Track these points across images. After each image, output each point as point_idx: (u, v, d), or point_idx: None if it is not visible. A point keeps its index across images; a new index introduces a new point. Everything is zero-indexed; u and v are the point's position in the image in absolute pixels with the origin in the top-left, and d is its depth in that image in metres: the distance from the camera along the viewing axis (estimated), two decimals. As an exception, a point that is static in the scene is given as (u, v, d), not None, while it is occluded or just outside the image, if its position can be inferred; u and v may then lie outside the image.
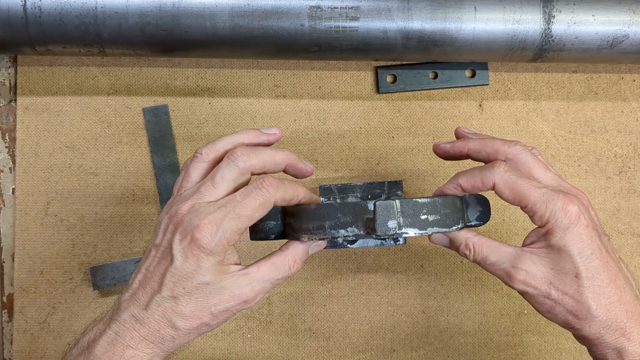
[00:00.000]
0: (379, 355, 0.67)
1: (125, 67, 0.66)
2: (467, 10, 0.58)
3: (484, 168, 0.49)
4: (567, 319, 0.46)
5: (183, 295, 0.45)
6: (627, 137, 0.67)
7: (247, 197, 0.46)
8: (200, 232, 0.44)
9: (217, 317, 0.46)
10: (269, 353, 0.66)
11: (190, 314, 0.45)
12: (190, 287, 0.45)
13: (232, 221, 0.45)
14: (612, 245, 0.48)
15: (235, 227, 0.45)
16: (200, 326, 0.45)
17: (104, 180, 0.66)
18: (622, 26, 0.59)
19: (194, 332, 0.46)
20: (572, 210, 0.45)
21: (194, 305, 0.45)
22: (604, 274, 0.45)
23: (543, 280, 0.46)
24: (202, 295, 0.45)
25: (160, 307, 0.45)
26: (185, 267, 0.45)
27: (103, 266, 0.64)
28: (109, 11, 0.57)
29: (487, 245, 0.48)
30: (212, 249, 0.44)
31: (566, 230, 0.45)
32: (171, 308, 0.45)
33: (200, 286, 0.45)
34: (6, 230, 0.66)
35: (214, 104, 0.67)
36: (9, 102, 0.66)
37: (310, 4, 0.58)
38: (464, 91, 0.67)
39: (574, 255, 0.45)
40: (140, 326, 0.45)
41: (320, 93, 0.67)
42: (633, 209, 0.67)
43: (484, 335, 0.67)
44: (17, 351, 0.65)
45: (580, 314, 0.46)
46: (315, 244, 0.50)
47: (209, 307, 0.45)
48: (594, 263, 0.45)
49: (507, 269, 0.47)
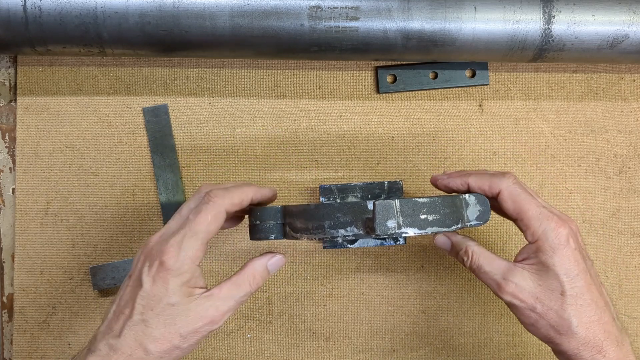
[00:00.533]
0: (379, 355, 0.67)
1: (125, 67, 0.66)
2: (467, 10, 0.58)
3: (495, 175, 0.52)
4: (548, 334, 0.49)
5: (152, 317, 0.47)
6: (627, 137, 0.67)
7: (198, 214, 0.49)
8: (165, 255, 0.47)
9: (187, 340, 0.48)
10: (269, 353, 0.66)
11: (160, 336, 0.47)
12: (158, 309, 0.47)
13: (191, 240, 0.48)
14: (596, 270, 0.51)
15: (195, 244, 0.48)
16: (171, 349, 0.47)
17: (104, 180, 0.66)
18: (622, 26, 0.59)
19: (165, 356, 0.47)
20: (563, 233, 0.49)
21: (163, 328, 0.47)
22: (587, 295, 0.49)
23: (530, 295, 0.49)
24: (170, 318, 0.47)
25: (132, 332, 0.47)
26: (154, 290, 0.47)
27: (103, 266, 0.64)
28: (109, 11, 0.57)
29: (484, 256, 0.51)
30: (177, 269, 0.47)
31: (555, 250, 0.49)
32: (142, 331, 0.47)
33: (167, 307, 0.47)
34: (6, 230, 0.66)
35: (214, 104, 0.67)
36: (9, 102, 0.66)
37: (310, 4, 0.58)
38: (464, 91, 0.67)
39: (560, 275, 0.48)
40: (114, 353, 0.47)
41: (320, 93, 0.67)
42: (633, 209, 0.67)
43: (484, 335, 0.67)
44: (17, 351, 0.65)
45: (561, 329, 0.49)
46: (275, 259, 0.52)
47: (178, 329, 0.47)
48: (579, 284, 0.49)
49: (498, 280, 0.50)
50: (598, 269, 0.67)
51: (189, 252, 0.48)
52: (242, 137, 0.66)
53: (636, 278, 0.67)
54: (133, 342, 0.47)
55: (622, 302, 0.67)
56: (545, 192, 0.67)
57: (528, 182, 0.67)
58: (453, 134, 0.67)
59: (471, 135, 0.67)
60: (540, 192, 0.67)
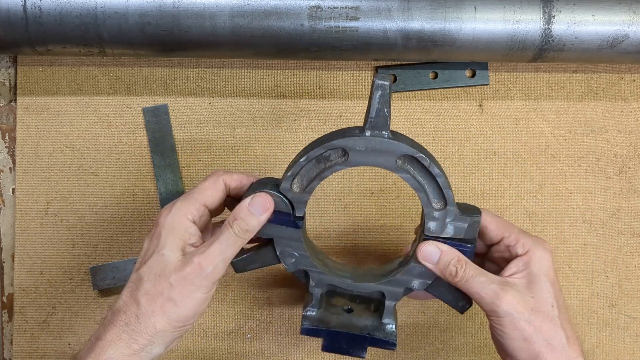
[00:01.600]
0: (379, 355, 0.67)
1: (125, 67, 0.66)
2: (467, 10, 0.58)
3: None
4: (540, 350, 0.49)
5: (145, 271, 0.49)
6: (627, 137, 0.67)
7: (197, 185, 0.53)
8: (160, 216, 0.51)
9: (177, 290, 0.47)
10: (269, 353, 0.66)
11: (151, 288, 0.48)
12: (150, 261, 0.49)
13: (184, 201, 0.51)
14: None
15: (188, 203, 0.51)
16: (163, 303, 0.47)
17: (104, 180, 0.66)
18: (622, 26, 0.59)
19: (157, 310, 0.47)
20: (547, 247, 0.52)
21: (153, 279, 0.48)
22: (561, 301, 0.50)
23: (526, 306, 0.49)
24: (160, 268, 0.48)
25: (128, 289, 0.49)
26: (149, 247, 0.50)
27: (103, 266, 0.64)
28: (109, 11, 0.57)
29: (477, 267, 0.51)
30: (168, 223, 0.50)
31: (542, 262, 0.51)
32: (136, 286, 0.49)
33: (158, 258, 0.49)
34: (6, 230, 0.66)
35: (214, 104, 0.67)
36: (9, 102, 0.66)
37: (310, 4, 0.58)
38: (464, 91, 0.67)
39: (549, 286, 0.50)
40: (112, 316, 0.48)
41: (320, 93, 0.67)
42: (633, 209, 0.67)
43: (484, 335, 0.67)
44: (17, 351, 0.65)
45: (554, 341, 0.49)
46: (256, 199, 0.51)
47: (167, 278, 0.48)
48: (560, 301, 0.50)
49: (496, 289, 0.50)
50: (598, 268, 0.67)
51: (182, 209, 0.50)
52: (242, 137, 0.66)
53: (636, 278, 0.67)
54: (128, 298, 0.48)
55: (622, 302, 0.67)
56: (545, 192, 0.67)
57: (528, 182, 0.67)
58: (453, 134, 0.67)
59: (471, 135, 0.67)
60: (540, 192, 0.67)
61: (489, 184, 0.67)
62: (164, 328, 0.48)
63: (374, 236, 0.67)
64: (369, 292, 0.56)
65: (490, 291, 0.50)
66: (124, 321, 0.47)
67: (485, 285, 0.50)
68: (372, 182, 0.67)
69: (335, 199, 0.67)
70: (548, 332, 0.49)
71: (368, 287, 0.56)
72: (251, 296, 0.66)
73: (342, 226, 0.67)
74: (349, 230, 0.67)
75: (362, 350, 0.55)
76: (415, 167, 0.52)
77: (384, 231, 0.67)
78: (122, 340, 0.47)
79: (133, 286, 0.49)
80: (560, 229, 0.67)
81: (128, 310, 0.48)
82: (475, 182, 0.67)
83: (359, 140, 0.50)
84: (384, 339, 0.55)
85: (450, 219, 0.52)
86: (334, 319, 0.56)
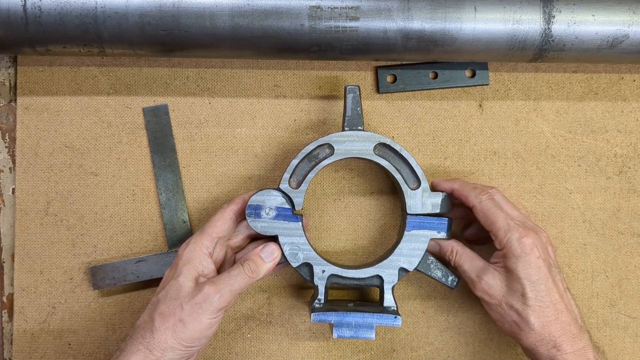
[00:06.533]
0: (379, 355, 0.67)
1: (125, 67, 0.66)
2: (467, 10, 0.58)
3: (475, 189, 0.60)
4: (511, 329, 0.58)
5: (163, 295, 0.55)
6: (627, 137, 0.67)
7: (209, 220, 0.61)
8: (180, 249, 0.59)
9: (188, 313, 0.54)
10: (269, 353, 0.66)
11: (166, 309, 0.54)
12: (168, 287, 0.56)
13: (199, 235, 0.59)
14: (562, 277, 0.58)
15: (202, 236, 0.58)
16: (175, 323, 0.54)
17: (104, 180, 0.66)
18: (622, 26, 0.59)
19: (169, 329, 0.54)
20: (527, 243, 0.56)
21: (168, 302, 0.55)
22: (546, 298, 0.56)
23: (498, 292, 0.57)
24: (175, 293, 0.55)
25: (148, 311, 0.56)
26: (168, 274, 0.58)
27: (103, 266, 0.64)
28: (109, 11, 0.57)
29: (465, 255, 0.60)
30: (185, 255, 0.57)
31: (518, 258, 0.56)
32: (154, 307, 0.55)
33: (174, 284, 0.55)
34: (6, 230, 0.66)
35: (214, 104, 0.67)
36: (9, 102, 0.66)
37: (310, 4, 0.58)
38: (464, 91, 0.67)
39: (522, 279, 0.56)
40: (133, 332, 0.55)
41: (320, 93, 0.67)
42: (633, 209, 0.67)
43: (484, 335, 0.67)
44: (17, 351, 0.65)
45: (521, 325, 0.56)
46: (267, 248, 0.59)
47: (180, 302, 0.54)
48: (539, 287, 0.56)
49: (473, 277, 0.59)
50: (598, 268, 0.67)
51: (197, 242, 0.58)
52: (242, 137, 0.66)
53: (636, 278, 0.67)
54: (147, 316, 0.55)
55: (622, 302, 0.67)
56: (545, 192, 0.67)
57: (528, 182, 0.67)
58: (453, 134, 0.67)
59: (471, 135, 0.67)
60: (540, 192, 0.67)
61: (489, 184, 0.67)
62: (174, 345, 0.54)
63: (374, 236, 0.67)
64: (370, 279, 0.61)
65: (469, 279, 0.59)
66: (141, 335, 0.54)
67: (467, 274, 0.59)
68: (372, 182, 0.67)
69: (335, 199, 0.67)
70: (515, 317, 0.56)
71: (367, 272, 0.60)
72: (251, 296, 0.66)
73: (342, 226, 0.67)
74: (349, 230, 0.67)
75: (370, 330, 0.59)
76: (389, 154, 0.60)
77: (384, 231, 0.67)
78: (140, 351, 0.53)
79: (152, 307, 0.56)
80: (560, 229, 0.67)
81: (145, 327, 0.54)
82: (475, 182, 0.67)
83: (339, 135, 0.60)
84: (389, 315, 0.58)
85: (426, 196, 0.60)
86: (341, 308, 0.60)
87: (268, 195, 0.59)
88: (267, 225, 0.59)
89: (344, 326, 0.58)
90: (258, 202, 0.59)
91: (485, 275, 0.58)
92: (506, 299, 0.57)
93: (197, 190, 0.66)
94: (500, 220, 0.57)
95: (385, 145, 0.60)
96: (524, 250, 0.56)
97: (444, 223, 0.61)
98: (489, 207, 0.58)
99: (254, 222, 0.59)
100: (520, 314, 0.56)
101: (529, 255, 0.56)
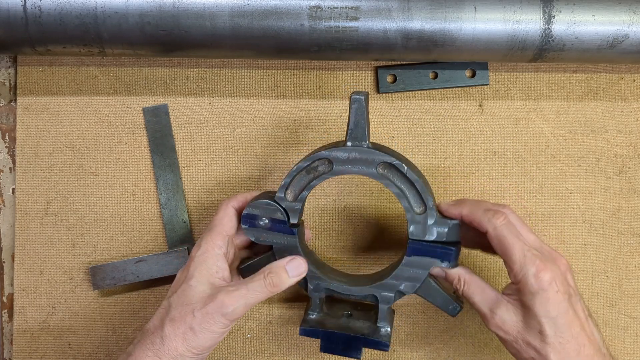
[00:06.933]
0: (379, 355, 0.67)
1: (125, 67, 0.66)
2: (467, 10, 0.58)
3: (487, 213, 0.54)
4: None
5: (174, 299, 0.53)
6: (627, 137, 0.67)
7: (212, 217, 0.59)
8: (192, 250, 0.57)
9: (199, 321, 0.52)
10: (269, 353, 0.66)
11: (177, 315, 0.52)
12: (179, 290, 0.54)
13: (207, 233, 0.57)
14: (583, 304, 0.54)
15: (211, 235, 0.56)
16: (185, 331, 0.52)
17: (104, 180, 0.66)
18: (622, 26, 0.59)
19: (179, 335, 0.52)
20: (544, 278, 0.51)
21: (180, 307, 0.53)
22: (567, 333, 0.51)
23: (514, 328, 0.53)
24: (187, 297, 0.53)
25: (159, 314, 0.54)
26: (179, 276, 0.56)
27: (103, 266, 0.64)
28: (109, 11, 0.57)
29: (475, 284, 0.55)
30: (197, 256, 0.55)
31: (535, 295, 0.51)
32: (165, 312, 0.53)
33: (186, 288, 0.53)
34: (6, 230, 0.66)
35: (214, 104, 0.67)
36: (9, 102, 0.66)
37: (310, 4, 0.58)
38: (464, 91, 0.67)
39: (539, 316, 0.51)
40: (142, 336, 0.53)
41: (320, 93, 0.67)
42: (633, 209, 0.67)
43: (484, 335, 0.67)
44: (17, 351, 0.65)
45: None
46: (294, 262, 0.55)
47: (192, 308, 0.52)
48: (558, 323, 0.51)
49: (486, 312, 0.54)
50: (598, 268, 0.67)
51: (210, 242, 0.55)
52: (242, 137, 0.66)
53: (636, 278, 0.67)
54: (157, 321, 0.53)
55: (622, 302, 0.67)
56: (545, 192, 0.67)
57: (528, 182, 0.67)
58: (453, 134, 0.67)
59: (471, 135, 0.67)
60: (540, 192, 0.67)
61: (489, 184, 0.67)
62: (184, 352, 0.52)
63: (374, 236, 0.67)
64: (364, 296, 0.58)
65: (481, 313, 0.54)
66: (151, 341, 0.52)
67: (478, 307, 0.54)
68: (372, 182, 0.67)
69: (335, 199, 0.67)
70: (533, 354, 0.52)
71: (362, 290, 0.58)
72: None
73: (342, 226, 0.67)
74: (349, 230, 0.67)
75: (357, 351, 0.57)
76: (394, 174, 0.55)
77: (384, 231, 0.67)
78: (149, 357, 0.52)
79: (163, 312, 0.54)
80: (560, 229, 0.67)
81: (155, 332, 0.53)
82: (475, 182, 0.67)
83: (341, 150, 0.55)
84: (377, 340, 0.57)
85: (431, 222, 0.55)
86: (332, 322, 0.58)
87: (264, 207, 0.56)
88: (262, 235, 0.57)
89: (332, 345, 0.57)
90: (253, 212, 0.56)
91: (498, 309, 0.53)
92: (522, 336, 0.52)
93: (197, 190, 0.66)
94: (517, 252, 0.52)
95: (390, 165, 0.55)
96: (541, 287, 0.51)
97: (450, 253, 0.55)
98: (505, 234, 0.53)
99: (248, 232, 0.57)
100: (539, 351, 0.52)
101: (547, 291, 0.51)
